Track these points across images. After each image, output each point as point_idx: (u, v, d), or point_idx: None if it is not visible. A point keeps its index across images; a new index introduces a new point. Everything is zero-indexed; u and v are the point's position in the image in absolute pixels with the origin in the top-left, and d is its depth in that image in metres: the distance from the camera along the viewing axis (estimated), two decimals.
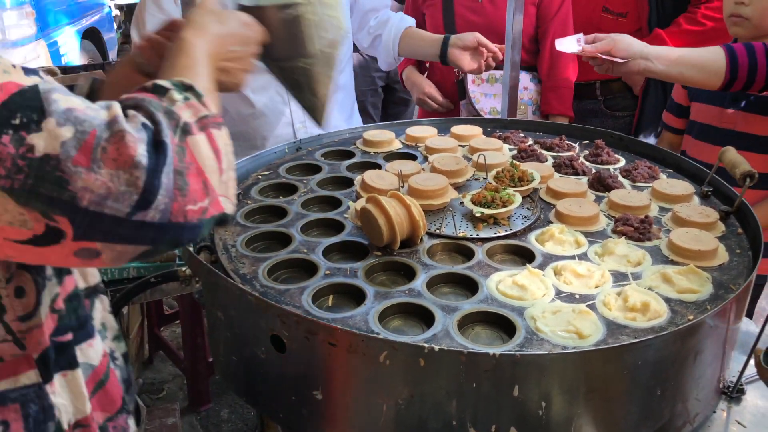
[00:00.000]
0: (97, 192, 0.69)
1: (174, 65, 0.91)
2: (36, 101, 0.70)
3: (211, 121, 0.80)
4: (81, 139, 0.69)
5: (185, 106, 0.79)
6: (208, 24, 1.00)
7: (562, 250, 1.37)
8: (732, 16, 1.98)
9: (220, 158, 0.79)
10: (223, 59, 1.02)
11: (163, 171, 0.72)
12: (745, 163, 1.47)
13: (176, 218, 0.74)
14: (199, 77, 0.89)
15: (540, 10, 2.59)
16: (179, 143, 0.75)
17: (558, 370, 1.01)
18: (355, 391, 1.11)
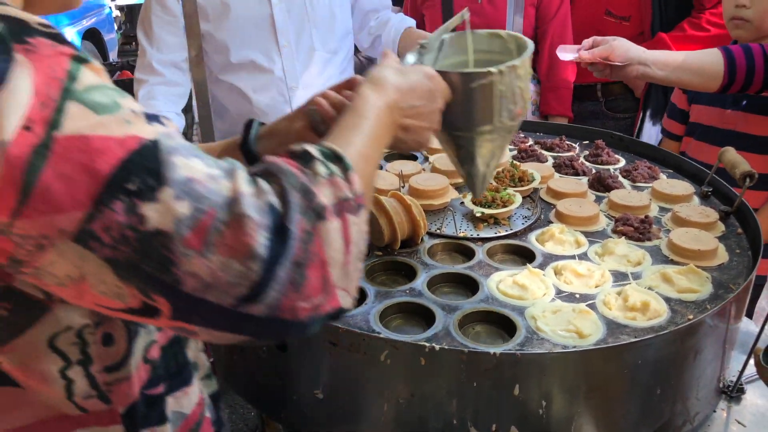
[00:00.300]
0: (204, 279, 0.62)
1: (339, 123, 0.84)
2: (155, 163, 0.61)
3: (351, 204, 0.71)
4: (197, 218, 0.61)
5: (327, 183, 0.69)
6: (388, 77, 0.92)
7: (562, 249, 1.37)
8: (733, 19, 1.98)
9: (350, 249, 0.70)
10: (404, 115, 0.93)
11: (281, 263, 0.63)
12: (745, 164, 1.48)
13: (284, 315, 0.65)
14: (358, 140, 0.81)
15: (539, 11, 2.59)
16: (308, 229, 0.66)
17: (558, 370, 1.02)
18: (356, 390, 1.11)
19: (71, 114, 0.59)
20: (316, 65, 2.07)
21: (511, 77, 1.04)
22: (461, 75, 1.04)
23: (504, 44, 1.16)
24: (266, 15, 1.98)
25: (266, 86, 2.05)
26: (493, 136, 1.10)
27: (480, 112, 1.06)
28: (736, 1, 1.94)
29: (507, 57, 1.14)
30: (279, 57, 2.02)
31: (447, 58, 1.17)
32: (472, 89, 1.03)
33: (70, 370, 0.74)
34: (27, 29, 0.61)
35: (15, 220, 0.58)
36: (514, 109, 1.08)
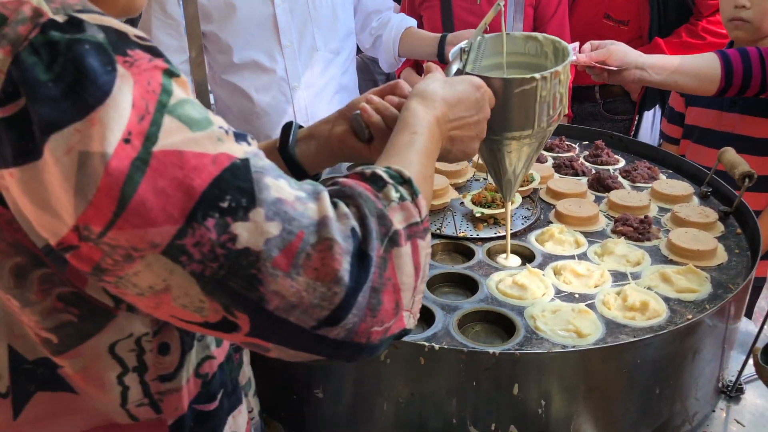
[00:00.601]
0: (288, 299, 0.62)
1: (394, 141, 0.84)
2: (247, 182, 0.62)
3: (419, 228, 0.71)
4: (287, 239, 0.62)
5: (399, 209, 0.70)
6: (436, 89, 0.92)
7: (561, 250, 1.37)
8: (732, 20, 1.98)
9: (419, 274, 0.71)
10: (452, 127, 0.93)
11: (362, 289, 0.64)
12: (744, 164, 1.48)
13: (359, 339, 0.66)
14: (416, 158, 0.82)
15: (537, 11, 2.60)
16: (383, 255, 0.67)
17: (557, 369, 1.02)
18: (355, 389, 1.12)
19: (167, 128, 0.60)
20: (318, 65, 2.07)
21: (553, 83, 1.05)
22: (504, 81, 1.04)
23: (539, 47, 1.16)
24: (269, 15, 1.98)
25: (268, 86, 2.05)
26: (531, 141, 1.11)
27: (521, 118, 1.07)
28: (736, 2, 1.94)
29: (541, 60, 1.15)
30: (281, 57, 2.02)
31: (484, 60, 1.17)
32: (514, 95, 1.04)
33: (126, 376, 0.74)
34: (127, 41, 0.61)
35: (108, 230, 0.58)
36: (553, 114, 1.09)
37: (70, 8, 0.60)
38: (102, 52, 0.59)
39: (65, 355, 0.70)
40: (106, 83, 0.58)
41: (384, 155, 0.82)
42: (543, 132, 1.11)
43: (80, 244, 0.59)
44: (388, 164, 0.76)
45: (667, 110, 2.37)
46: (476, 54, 1.15)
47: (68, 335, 0.69)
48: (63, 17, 0.59)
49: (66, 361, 0.71)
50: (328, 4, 2.06)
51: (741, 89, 1.82)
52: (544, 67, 1.09)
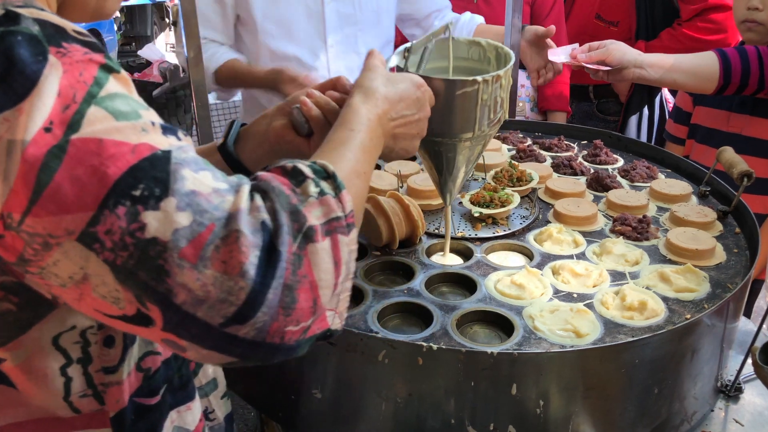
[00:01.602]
0: (195, 293, 0.61)
1: (330, 137, 0.84)
2: (164, 173, 0.62)
3: (341, 223, 0.70)
4: (196, 231, 0.61)
5: (317, 204, 0.69)
6: (378, 86, 0.92)
7: (560, 249, 1.37)
8: (746, 22, 1.98)
9: (340, 270, 0.69)
10: (395, 125, 0.94)
11: (271, 285, 0.63)
12: (743, 163, 1.48)
13: (272, 338, 0.64)
14: (350, 155, 0.81)
15: (533, 9, 2.61)
16: (297, 251, 0.65)
17: (556, 369, 1.02)
18: (354, 390, 1.11)
19: (91, 118, 0.61)
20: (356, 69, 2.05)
21: (494, 86, 1.06)
22: (446, 82, 1.04)
23: (482, 52, 1.18)
24: (318, 12, 1.94)
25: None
26: (471, 144, 1.12)
27: (462, 120, 1.08)
28: (749, 4, 1.94)
29: (484, 65, 1.17)
30: (325, 56, 1.98)
31: (428, 64, 1.18)
32: (455, 96, 1.05)
33: (70, 367, 0.75)
34: (64, 34, 0.63)
35: (26, 217, 0.60)
36: (493, 118, 1.10)
37: (10, 4, 0.63)
38: (34, 44, 0.61)
39: (7, 346, 0.72)
40: (34, 72, 0.60)
41: (319, 150, 0.82)
42: (483, 135, 1.12)
43: (4, 233, 0.61)
44: (319, 159, 0.76)
45: (674, 110, 2.37)
46: (421, 58, 1.14)
47: (8, 324, 0.71)
48: (1, 11, 0.62)
49: (8, 354, 0.72)
50: (373, 8, 2.02)
51: (739, 88, 1.83)
52: (487, 72, 1.10)
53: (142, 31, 8.65)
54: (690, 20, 2.50)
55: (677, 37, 2.52)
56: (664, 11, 2.59)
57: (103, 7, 0.82)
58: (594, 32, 2.69)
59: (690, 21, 2.50)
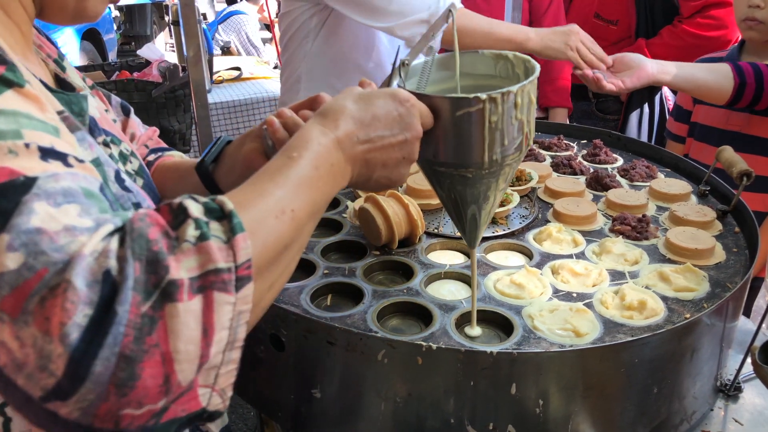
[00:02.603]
0: (14, 354, 0.51)
1: (265, 168, 0.71)
2: (11, 203, 0.53)
3: (222, 277, 0.57)
4: (23, 276, 0.51)
5: (193, 251, 0.56)
6: (344, 106, 0.79)
7: (559, 249, 1.37)
8: (746, 20, 1.98)
9: (211, 340, 0.56)
10: (366, 149, 0.79)
11: (99, 355, 0.51)
12: (742, 162, 1.48)
13: (102, 423, 0.52)
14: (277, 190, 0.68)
15: (532, 4, 2.61)
16: (149, 312, 0.53)
17: (555, 368, 1.02)
18: (353, 389, 1.11)
19: None
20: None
21: (505, 106, 0.85)
22: (444, 100, 0.86)
23: (511, 67, 0.98)
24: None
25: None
26: (482, 175, 0.91)
27: (467, 146, 0.88)
28: (750, 2, 1.94)
29: (513, 83, 0.92)
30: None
31: (437, 83, 1.00)
32: (457, 118, 0.86)
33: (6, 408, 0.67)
34: None
35: None
36: (509, 145, 0.89)
37: None
38: None
39: None
40: None
41: (246, 181, 0.69)
42: (499, 166, 0.90)
43: None
44: (232, 193, 0.65)
45: (675, 109, 2.37)
46: (423, 72, 0.99)
47: None
48: None
49: None
50: None
51: (750, 103, 1.85)
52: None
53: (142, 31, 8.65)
54: (690, 17, 2.50)
55: (678, 35, 2.52)
56: (663, 9, 2.59)
57: (85, 9, 0.77)
58: (593, 31, 2.68)
59: (690, 18, 2.50)
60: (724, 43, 2.52)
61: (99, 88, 1.02)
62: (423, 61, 0.98)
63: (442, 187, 0.97)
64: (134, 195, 0.81)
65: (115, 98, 1.04)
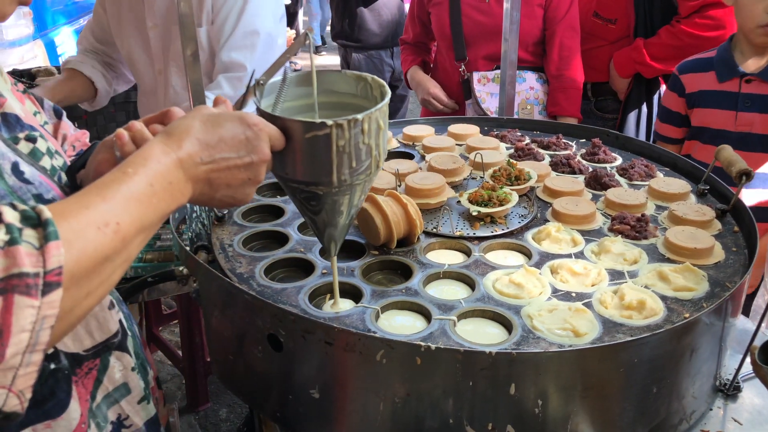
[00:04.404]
0: None
1: (99, 181, 0.73)
2: None
3: (25, 282, 0.59)
4: None
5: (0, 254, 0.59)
6: (189, 127, 0.82)
7: (558, 248, 1.37)
8: (764, 26, 1.97)
9: (6, 340, 0.57)
10: (209, 170, 0.82)
11: None
12: (741, 162, 1.48)
13: None
14: (104, 204, 0.69)
15: (547, 12, 2.58)
16: None
17: (554, 368, 1.02)
18: (352, 389, 1.11)
19: None
20: None
21: (352, 132, 0.92)
22: (294, 122, 0.91)
23: (369, 90, 1.05)
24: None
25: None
26: (333, 192, 0.99)
27: (316, 167, 0.94)
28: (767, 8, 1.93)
29: (371, 104, 1.01)
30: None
31: (297, 99, 1.06)
32: (306, 140, 0.92)
33: None
34: None
35: None
36: (358, 167, 0.96)
37: None
38: None
39: None
40: None
41: (77, 192, 0.72)
42: (348, 186, 0.98)
43: None
44: (57, 203, 0.67)
45: (661, 110, 2.37)
46: (280, 90, 1.03)
47: None
48: None
49: None
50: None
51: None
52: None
53: None
54: (688, 17, 2.50)
55: (676, 34, 2.52)
56: (662, 8, 2.59)
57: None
58: (592, 30, 2.69)
59: (688, 18, 2.50)
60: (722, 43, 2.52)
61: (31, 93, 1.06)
62: (280, 79, 1.02)
63: (297, 200, 1.03)
64: (35, 187, 0.84)
65: (47, 102, 1.08)
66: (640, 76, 2.65)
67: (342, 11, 4.52)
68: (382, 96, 1.01)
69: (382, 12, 4.42)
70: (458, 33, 2.60)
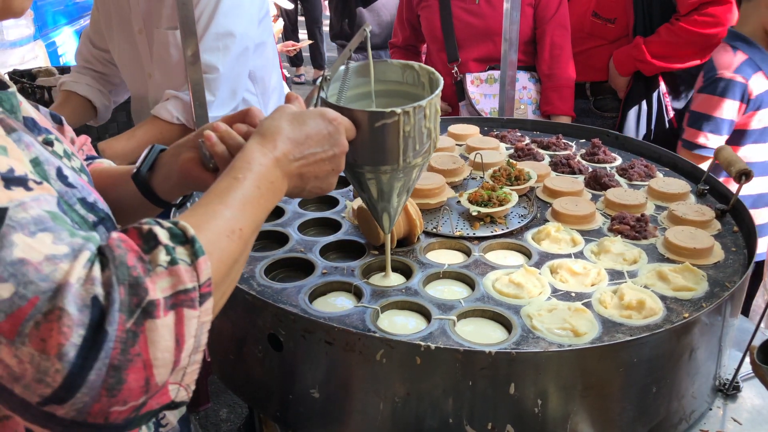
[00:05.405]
0: (12, 369, 0.59)
1: (212, 189, 0.79)
2: None
3: (190, 296, 0.66)
4: (17, 304, 0.59)
5: (166, 274, 0.65)
6: (280, 127, 0.87)
7: (558, 248, 1.37)
8: None
9: (182, 347, 0.66)
10: (301, 165, 0.89)
11: (93, 367, 0.60)
12: (741, 162, 1.48)
13: (95, 419, 0.61)
14: (227, 211, 0.76)
15: (537, 11, 2.58)
16: (132, 328, 0.62)
17: (554, 368, 1.02)
18: (352, 389, 1.11)
19: None
20: None
21: (417, 117, 1.01)
22: (364, 113, 0.99)
23: (416, 77, 1.12)
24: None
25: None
26: (398, 175, 1.07)
27: (384, 152, 1.03)
28: None
29: (419, 90, 1.11)
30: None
31: (354, 88, 1.13)
32: (376, 128, 1.00)
33: None
34: None
35: None
36: (420, 149, 1.05)
37: None
38: None
39: None
40: None
41: (194, 204, 0.77)
42: (411, 166, 1.07)
43: None
44: (188, 215, 0.73)
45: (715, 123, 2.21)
46: (342, 82, 1.11)
47: None
48: None
49: None
50: None
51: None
52: (421, 97, 1.04)
53: None
54: (687, 14, 2.50)
55: (676, 32, 2.52)
56: (661, 6, 2.59)
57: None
58: (591, 30, 2.69)
59: (688, 15, 2.50)
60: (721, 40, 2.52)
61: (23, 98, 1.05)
62: (342, 69, 1.11)
63: (362, 184, 1.11)
64: (78, 191, 0.84)
65: (43, 108, 1.08)
66: (640, 74, 2.65)
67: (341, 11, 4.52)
68: (431, 82, 1.09)
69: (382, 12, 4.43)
70: (450, 35, 2.60)
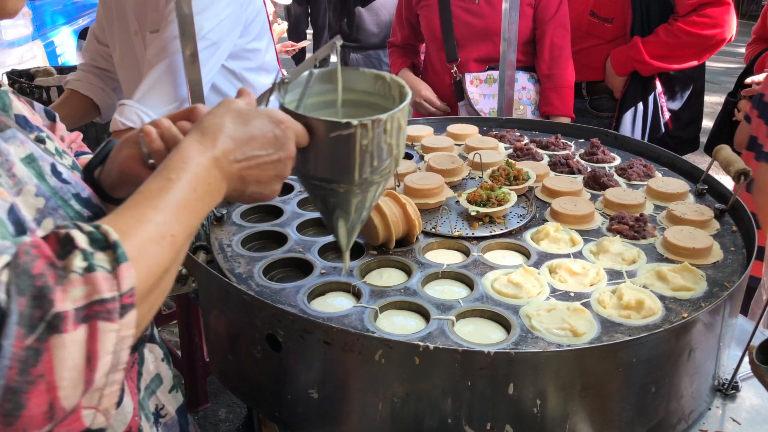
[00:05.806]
0: None
1: (143, 188, 0.73)
2: None
3: (107, 307, 0.59)
4: None
5: (80, 282, 0.59)
6: (222, 125, 0.82)
7: (557, 248, 1.37)
8: None
9: (94, 366, 0.58)
10: (242, 167, 0.83)
11: None
12: (740, 161, 1.48)
13: None
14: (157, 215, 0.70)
15: (537, 11, 2.58)
16: (34, 344, 0.55)
17: (553, 368, 1.02)
18: (350, 389, 1.11)
19: None
20: None
21: (376, 132, 0.93)
22: (319, 122, 0.92)
23: (387, 89, 1.05)
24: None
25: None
26: (353, 190, 0.99)
27: (339, 165, 0.95)
28: None
29: (388, 103, 1.03)
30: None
31: (320, 95, 1.06)
32: (331, 139, 0.92)
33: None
34: None
35: None
36: (379, 165, 0.96)
37: None
38: None
39: None
40: None
41: (121, 206, 0.71)
42: (368, 183, 0.98)
43: None
44: (113, 219, 0.67)
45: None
46: (304, 89, 1.04)
47: None
48: None
49: None
50: None
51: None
52: (389, 109, 0.95)
53: None
54: (686, 15, 2.51)
55: (674, 33, 2.52)
56: (659, 7, 2.59)
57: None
58: (588, 29, 2.69)
59: (686, 16, 2.51)
60: (719, 41, 2.52)
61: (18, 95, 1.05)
62: (306, 74, 1.03)
63: (317, 197, 1.04)
64: (73, 186, 0.83)
65: (38, 105, 1.07)
66: (637, 75, 2.66)
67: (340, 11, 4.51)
68: (401, 95, 1.02)
69: (380, 12, 4.42)
70: (449, 35, 2.60)
